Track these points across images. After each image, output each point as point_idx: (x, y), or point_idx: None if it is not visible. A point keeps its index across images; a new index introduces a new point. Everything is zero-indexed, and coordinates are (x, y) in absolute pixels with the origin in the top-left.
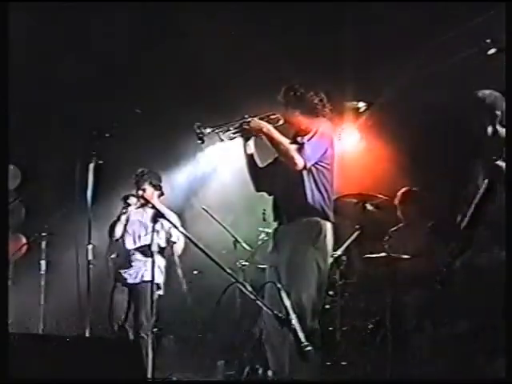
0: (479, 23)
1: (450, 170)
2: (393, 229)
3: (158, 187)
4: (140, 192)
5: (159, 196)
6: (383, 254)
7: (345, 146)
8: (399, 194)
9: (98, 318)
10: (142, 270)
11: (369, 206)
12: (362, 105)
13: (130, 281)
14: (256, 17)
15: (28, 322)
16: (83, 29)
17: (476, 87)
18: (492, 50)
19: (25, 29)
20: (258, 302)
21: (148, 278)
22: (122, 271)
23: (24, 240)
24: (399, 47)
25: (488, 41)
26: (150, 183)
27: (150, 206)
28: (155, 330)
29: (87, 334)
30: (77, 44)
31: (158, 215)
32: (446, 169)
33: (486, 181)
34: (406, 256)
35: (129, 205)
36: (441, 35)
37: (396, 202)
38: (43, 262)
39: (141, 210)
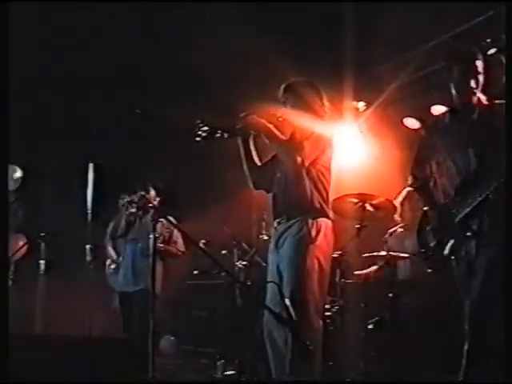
0: (479, 23)
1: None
2: (391, 230)
3: (160, 190)
4: (142, 193)
5: (161, 199)
6: (383, 253)
7: (344, 145)
8: (402, 194)
9: (98, 318)
10: (142, 272)
11: (369, 206)
12: (361, 104)
13: (131, 283)
14: (256, 16)
15: (28, 322)
16: (83, 28)
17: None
18: (492, 50)
19: (25, 28)
20: (259, 301)
21: (148, 279)
22: (122, 273)
23: (24, 240)
24: (399, 47)
25: (488, 41)
26: (153, 185)
27: (151, 206)
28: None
29: (87, 334)
30: (77, 43)
31: (158, 216)
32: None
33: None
34: (405, 255)
35: (130, 206)
36: (441, 35)
37: (398, 202)
38: (43, 262)
39: (141, 212)
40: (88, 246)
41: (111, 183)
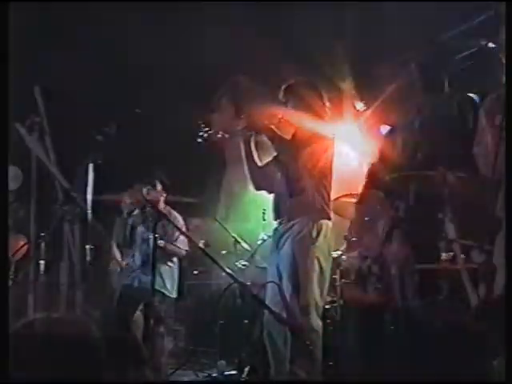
0: (479, 23)
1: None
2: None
3: (166, 185)
4: (147, 190)
5: (166, 196)
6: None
7: (344, 146)
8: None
9: (99, 318)
10: (145, 274)
11: None
12: (361, 105)
13: (134, 284)
14: (256, 16)
15: (28, 322)
16: (83, 28)
17: (475, 87)
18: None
19: (25, 28)
20: (259, 301)
21: (162, 281)
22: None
23: (24, 240)
24: (399, 47)
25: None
26: (161, 181)
27: (151, 206)
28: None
29: (87, 335)
30: (77, 43)
31: (160, 217)
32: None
33: None
34: None
35: (134, 208)
36: (441, 35)
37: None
38: (43, 262)
39: (146, 212)
40: (88, 246)
41: (111, 183)
